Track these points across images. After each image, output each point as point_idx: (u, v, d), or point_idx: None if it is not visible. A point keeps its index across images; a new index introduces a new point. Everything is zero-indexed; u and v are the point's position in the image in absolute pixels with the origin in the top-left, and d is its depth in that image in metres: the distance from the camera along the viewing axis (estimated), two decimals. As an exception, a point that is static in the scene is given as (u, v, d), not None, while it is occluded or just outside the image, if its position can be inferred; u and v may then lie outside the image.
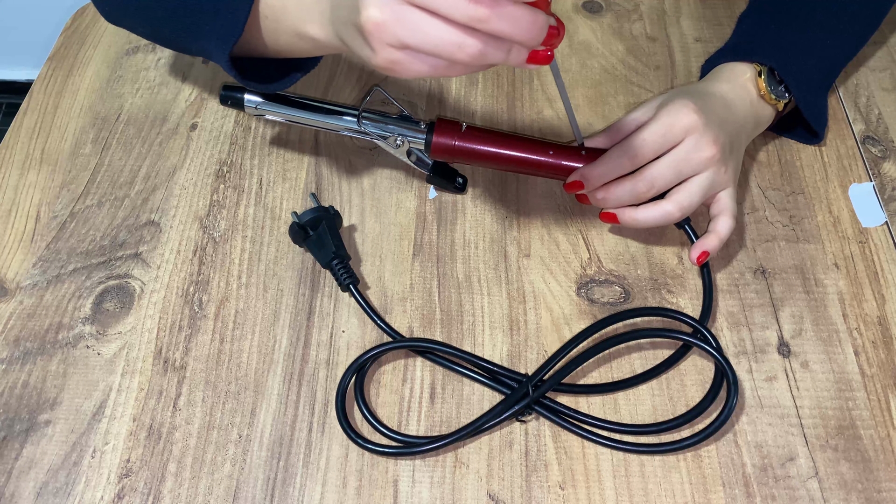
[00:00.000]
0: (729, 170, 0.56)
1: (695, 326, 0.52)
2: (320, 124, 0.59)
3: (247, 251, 0.60)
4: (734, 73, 0.60)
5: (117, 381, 0.53)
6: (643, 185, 0.54)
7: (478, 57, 0.39)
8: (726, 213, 0.55)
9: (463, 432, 0.49)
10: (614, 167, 0.55)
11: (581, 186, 0.56)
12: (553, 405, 0.51)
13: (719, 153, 0.54)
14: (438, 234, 0.60)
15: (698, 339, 0.51)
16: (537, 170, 0.57)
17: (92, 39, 0.76)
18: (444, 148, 0.57)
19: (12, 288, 0.58)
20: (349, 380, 0.51)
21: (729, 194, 0.56)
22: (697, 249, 0.55)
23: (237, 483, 0.49)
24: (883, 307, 0.56)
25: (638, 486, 0.48)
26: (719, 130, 0.55)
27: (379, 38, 0.39)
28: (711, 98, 0.57)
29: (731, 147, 0.56)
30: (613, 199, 0.55)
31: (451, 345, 0.53)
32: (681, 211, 0.54)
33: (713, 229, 0.56)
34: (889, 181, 0.62)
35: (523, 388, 0.50)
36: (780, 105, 0.60)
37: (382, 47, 0.40)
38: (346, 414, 0.50)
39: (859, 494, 0.48)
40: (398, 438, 0.50)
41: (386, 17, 0.38)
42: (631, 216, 0.55)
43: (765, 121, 0.61)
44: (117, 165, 0.65)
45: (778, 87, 0.60)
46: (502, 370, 0.52)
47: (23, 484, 0.49)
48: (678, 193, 0.54)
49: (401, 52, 0.40)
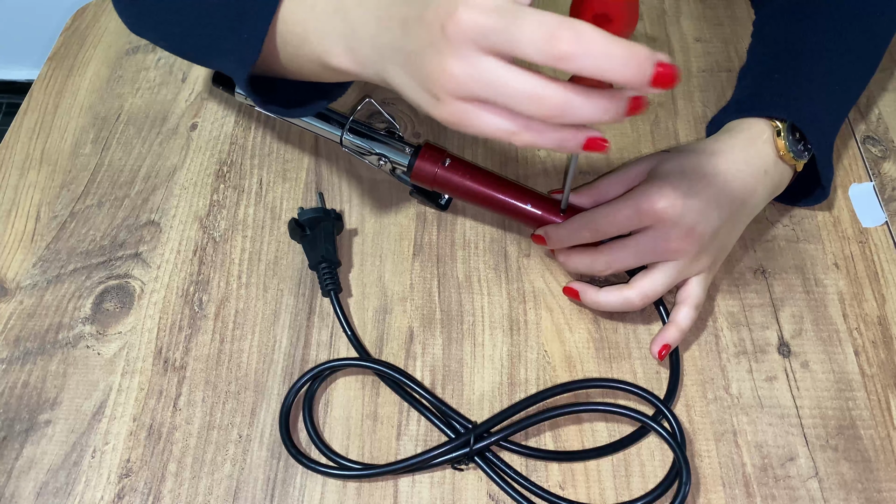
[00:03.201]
0: (704, 259, 0.51)
1: (658, 407, 0.49)
2: (308, 127, 0.60)
3: (247, 251, 0.60)
4: (751, 135, 0.53)
5: (117, 381, 0.53)
6: (600, 265, 0.52)
7: (557, 113, 0.34)
8: (688, 304, 0.52)
9: (396, 466, 0.48)
10: (575, 235, 0.53)
11: (544, 242, 0.55)
12: (494, 461, 0.49)
13: (690, 245, 0.49)
14: (438, 234, 0.60)
15: (659, 424, 0.48)
16: (513, 215, 0.56)
17: (92, 39, 0.76)
18: (426, 176, 0.56)
19: (12, 288, 0.58)
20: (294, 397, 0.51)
21: (699, 281, 0.52)
22: (657, 344, 0.51)
23: (237, 483, 0.49)
24: (883, 307, 0.56)
25: (638, 486, 0.48)
26: (701, 218, 0.49)
27: (452, 89, 0.35)
28: (710, 175, 0.51)
29: (717, 233, 0.51)
30: (571, 266, 0.54)
31: (408, 374, 0.52)
32: (643, 299, 0.51)
33: (673, 319, 0.52)
34: (889, 181, 0.62)
35: (465, 437, 0.48)
36: (798, 165, 0.54)
37: (450, 100, 0.35)
38: (288, 428, 0.50)
39: (859, 494, 0.48)
40: (335, 460, 0.49)
41: (464, 69, 0.34)
42: (593, 298, 0.53)
43: (782, 186, 0.55)
44: (117, 165, 0.65)
45: (797, 146, 0.53)
46: (452, 412, 0.50)
47: (23, 484, 0.49)
48: (642, 280, 0.51)
49: (471, 105, 0.35)
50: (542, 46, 0.32)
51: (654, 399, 0.49)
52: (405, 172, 0.58)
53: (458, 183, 0.56)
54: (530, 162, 0.64)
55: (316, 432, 0.50)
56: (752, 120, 0.54)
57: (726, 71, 0.70)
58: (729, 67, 0.70)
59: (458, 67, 0.34)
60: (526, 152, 0.65)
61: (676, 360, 0.53)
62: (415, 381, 0.52)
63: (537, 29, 0.32)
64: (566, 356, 0.54)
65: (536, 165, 0.64)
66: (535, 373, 0.53)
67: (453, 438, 0.49)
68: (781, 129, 0.53)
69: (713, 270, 0.53)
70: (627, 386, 0.50)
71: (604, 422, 0.51)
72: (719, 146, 0.53)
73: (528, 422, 0.49)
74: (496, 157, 0.64)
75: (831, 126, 0.56)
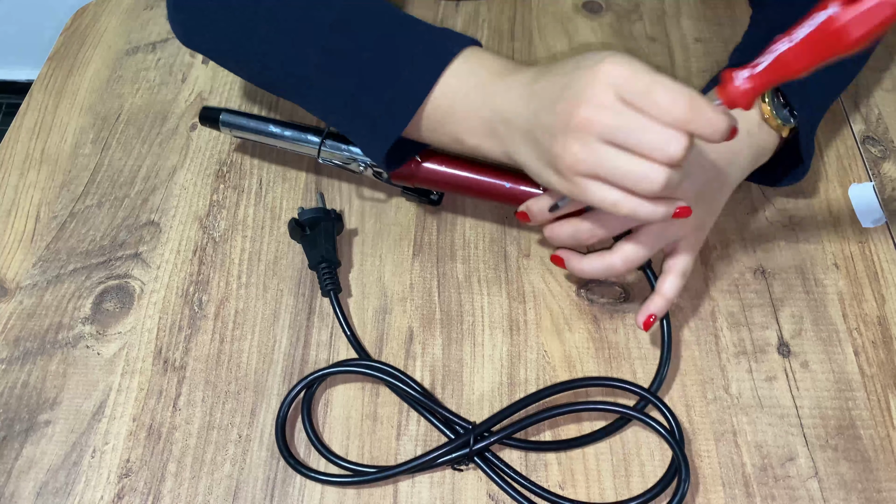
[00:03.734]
0: (689, 220, 0.51)
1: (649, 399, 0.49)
2: (284, 146, 0.60)
3: (247, 251, 0.60)
4: None
5: (117, 381, 0.53)
6: (584, 233, 0.51)
7: (664, 184, 0.41)
8: (674, 272, 0.51)
9: (396, 470, 0.48)
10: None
11: (528, 219, 0.54)
12: (494, 461, 0.49)
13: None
14: (438, 234, 0.60)
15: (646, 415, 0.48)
16: (495, 196, 0.56)
17: (92, 39, 0.76)
18: (404, 174, 0.56)
19: (12, 288, 0.58)
20: (289, 406, 0.51)
21: (687, 246, 0.51)
22: (643, 314, 0.51)
23: (237, 483, 0.49)
24: (883, 307, 0.56)
25: (638, 486, 0.48)
26: (681, 177, 0.49)
27: (575, 170, 0.42)
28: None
29: (702, 194, 0.51)
30: (557, 238, 0.53)
31: (408, 376, 0.51)
32: (625, 264, 0.50)
33: (659, 289, 0.52)
34: (889, 181, 0.62)
35: (465, 438, 0.48)
36: (784, 131, 0.54)
37: (574, 177, 0.43)
38: (285, 437, 0.50)
39: (859, 494, 0.48)
40: (335, 462, 0.49)
41: (587, 154, 0.41)
42: (577, 265, 0.52)
43: (766, 152, 0.55)
44: (117, 165, 0.65)
45: (783, 110, 0.54)
46: (452, 415, 0.50)
47: (23, 484, 0.49)
48: (625, 245, 0.51)
49: (590, 181, 0.42)
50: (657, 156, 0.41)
51: (642, 391, 0.49)
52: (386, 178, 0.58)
53: (435, 175, 0.56)
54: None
55: (316, 435, 0.50)
56: None
57: (726, 71, 0.70)
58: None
59: (582, 152, 0.42)
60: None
61: (668, 340, 0.52)
62: (412, 382, 0.52)
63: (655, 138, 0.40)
64: (566, 356, 0.54)
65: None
66: (535, 373, 0.53)
67: (453, 439, 0.49)
68: (767, 93, 0.53)
69: (700, 235, 0.53)
70: (615, 382, 0.50)
71: (603, 420, 0.51)
72: None
73: (528, 421, 0.49)
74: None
75: (819, 99, 0.57)
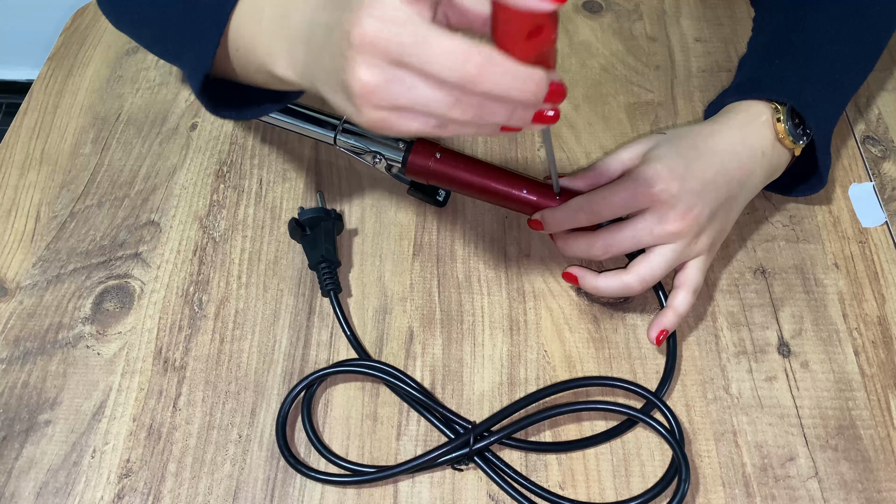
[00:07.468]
0: (702, 240, 0.51)
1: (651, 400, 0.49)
2: (302, 130, 0.60)
3: (247, 251, 0.60)
4: (749, 116, 0.53)
5: (117, 381, 0.53)
6: (598, 249, 0.51)
7: (474, 117, 0.36)
8: (686, 288, 0.51)
9: (395, 470, 0.48)
10: (571, 219, 0.52)
11: (541, 227, 0.54)
12: (494, 461, 0.49)
13: (688, 227, 0.49)
14: (438, 233, 0.60)
15: (653, 418, 0.48)
16: (510, 203, 0.56)
17: (92, 39, 0.76)
18: (420, 169, 0.57)
19: (12, 288, 0.58)
20: (289, 406, 0.51)
21: (697, 265, 0.52)
22: (655, 329, 0.51)
23: (237, 483, 0.49)
24: (883, 307, 0.56)
25: (638, 486, 0.48)
26: (697, 199, 0.49)
27: (367, 99, 0.36)
28: (707, 155, 0.51)
29: (715, 214, 0.51)
30: (569, 251, 0.53)
31: (408, 376, 0.51)
32: (641, 284, 0.51)
33: (671, 304, 0.52)
34: (889, 181, 0.62)
35: (464, 437, 0.48)
36: (797, 150, 0.54)
37: (369, 108, 0.36)
38: (286, 437, 0.50)
39: (859, 494, 0.48)
40: (335, 462, 0.49)
41: (377, 80, 0.35)
42: (592, 283, 0.53)
43: (779, 169, 0.55)
44: (117, 165, 0.65)
45: (796, 129, 0.53)
46: (452, 415, 0.50)
47: (23, 484, 0.49)
48: (640, 265, 0.51)
49: (388, 112, 0.36)
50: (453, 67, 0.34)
51: (645, 392, 0.49)
52: (400, 169, 0.58)
53: (452, 174, 0.56)
54: (529, 150, 0.64)
55: (316, 435, 0.50)
56: (751, 102, 0.54)
57: (726, 71, 0.70)
58: (729, 67, 0.70)
59: (371, 78, 0.35)
60: (526, 143, 0.65)
61: (674, 350, 0.53)
62: (412, 382, 0.52)
63: (448, 51, 0.33)
64: (566, 356, 0.54)
65: (537, 163, 0.64)
66: (535, 372, 0.53)
67: (453, 439, 0.49)
68: (781, 112, 0.53)
69: (711, 253, 0.53)
70: (620, 382, 0.50)
71: (603, 420, 0.51)
72: (717, 127, 0.53)
73: (528, 421, 0.49)
74: (495, 148, 0.64)
75: (831, 112, 0.56)
